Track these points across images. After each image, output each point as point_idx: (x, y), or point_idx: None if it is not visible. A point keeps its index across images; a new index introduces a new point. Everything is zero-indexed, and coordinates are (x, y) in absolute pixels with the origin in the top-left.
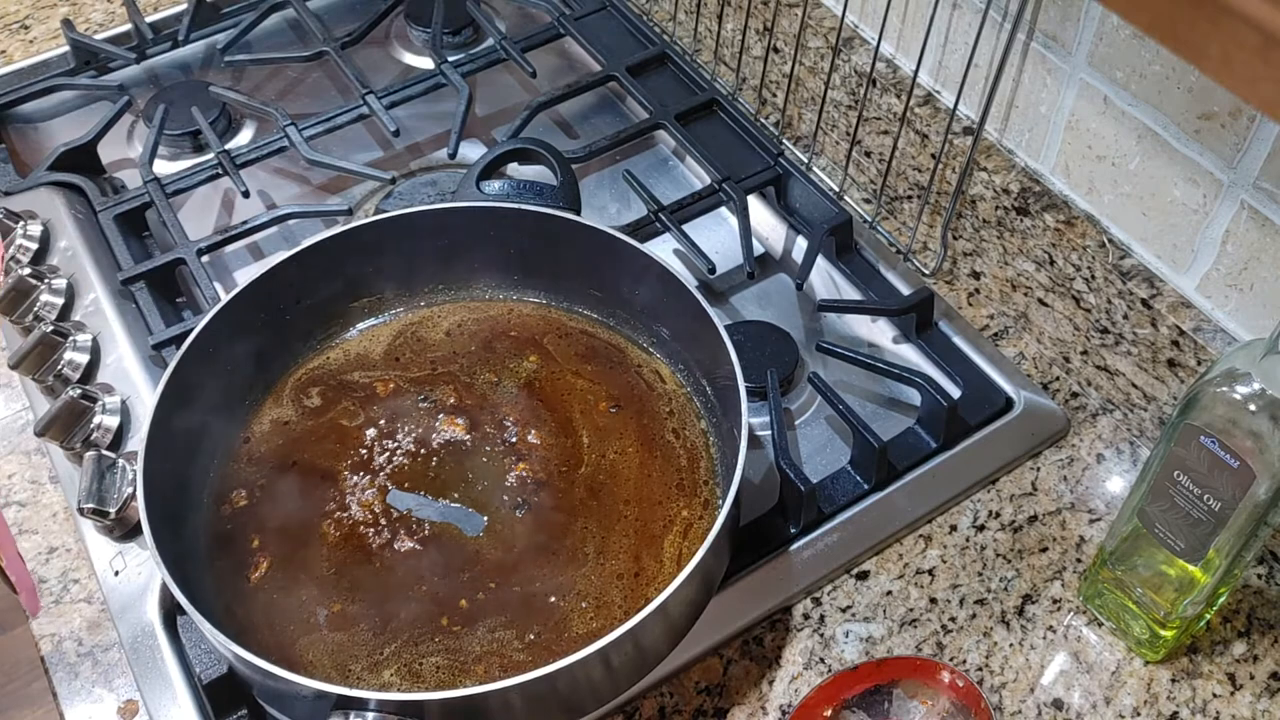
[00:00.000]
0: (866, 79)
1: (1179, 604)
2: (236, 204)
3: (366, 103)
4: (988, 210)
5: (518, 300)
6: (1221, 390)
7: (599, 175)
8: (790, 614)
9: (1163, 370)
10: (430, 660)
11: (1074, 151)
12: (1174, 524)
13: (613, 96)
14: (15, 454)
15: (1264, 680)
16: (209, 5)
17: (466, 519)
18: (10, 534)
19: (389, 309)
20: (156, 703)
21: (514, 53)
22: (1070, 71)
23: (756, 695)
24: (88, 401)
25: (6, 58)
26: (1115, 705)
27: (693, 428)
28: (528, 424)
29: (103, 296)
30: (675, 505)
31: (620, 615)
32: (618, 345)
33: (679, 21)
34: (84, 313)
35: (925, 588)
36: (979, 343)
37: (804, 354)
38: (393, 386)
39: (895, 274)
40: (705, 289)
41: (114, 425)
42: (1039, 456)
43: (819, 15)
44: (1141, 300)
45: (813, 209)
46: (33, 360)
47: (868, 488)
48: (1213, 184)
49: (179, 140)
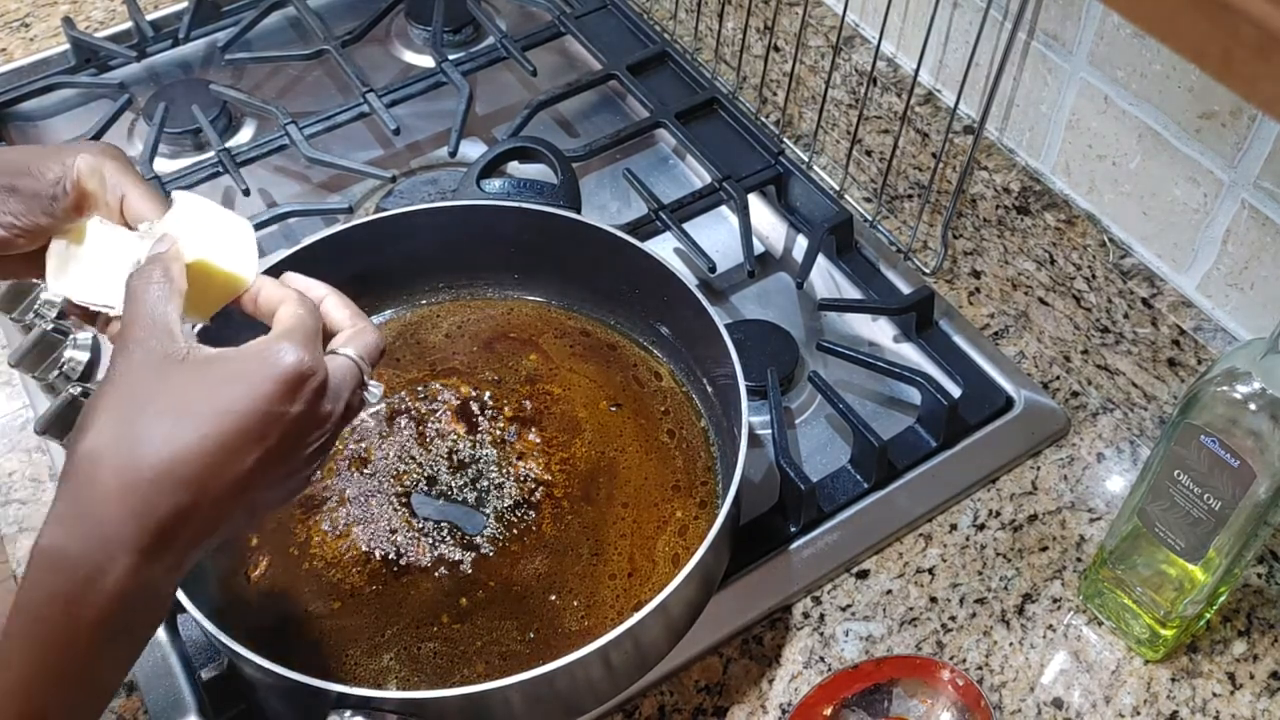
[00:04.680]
0: (867, 78)
1: (1179, 603)
2: (237, 202)
3: (367, 101)
4: (988, 209)
5: (518, 299)
6: (1222, 389)
7: (599, 174)
8: (790, 613)
9: (1163, 369)
10: (427, 652)
11: (1074, 151)
12: (1174, 523)
13: (613, 95)
14: (16, 452)
15: (1264, 679)
16: (209, 3)
17: (466, 518)
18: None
19: (389, 308)
20: (156, 701)
21: (514, 51)
22: (1071, 70)
23: (756, 694)
24: (87, 398)
25: (7, 56)
26: (1115, 704)
27: (691, 427)
28: (527, 423)
29: None
30: (671, 505)
31: (613, 615)
32: (618, 344)
33: (679, 20)
34: None
35: (925, 587)
36: (979, 342)
37: (804, 353)
38: (392, 386)
39: (896, 273)
40: (705, 288)
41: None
42: (1039, 456)
43: (820, 14)
44: (1142, 299)
45: (813, 208)
46: (33, 358)
47: (868, 487)
48: (1213, 183)
49: (179, 138)
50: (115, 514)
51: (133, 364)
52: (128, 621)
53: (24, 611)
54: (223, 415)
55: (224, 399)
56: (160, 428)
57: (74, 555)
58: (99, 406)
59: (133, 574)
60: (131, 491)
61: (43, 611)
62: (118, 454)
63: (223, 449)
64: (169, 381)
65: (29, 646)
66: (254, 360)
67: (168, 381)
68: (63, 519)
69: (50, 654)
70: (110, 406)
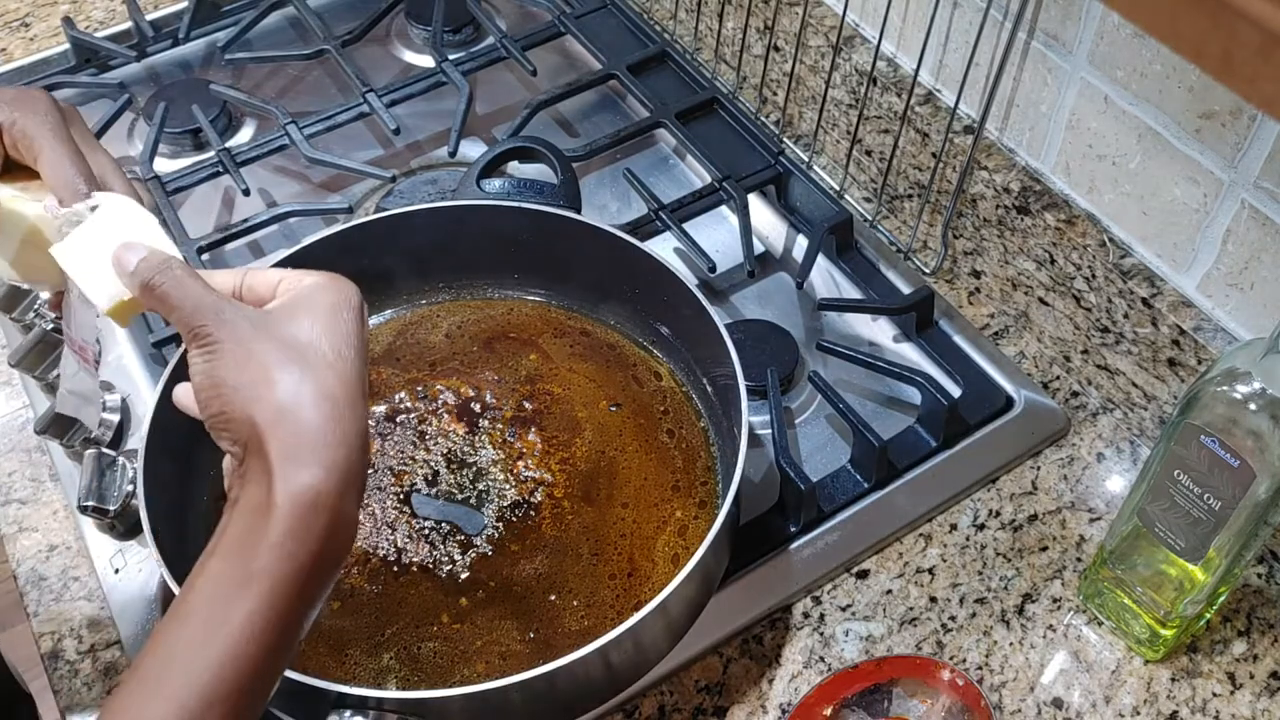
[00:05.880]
0: (867, 78)
1: (1179, 603)
2: (237, 202)
3: (367, 101)
4: (988, 209)
5: (517, 299)
6: (1222, 389)
7: (599, 174)
8: (790, 613)
9: (1163, 369)
10: (427, 652)
11: (1074, 150)
12: (1174, 523)
13: (613, 95)
14: (15, 452)
15: (1264, 679)
16: (209, 3)
17: (466, 517)
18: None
19: (389, 308)
20: None
21: (514, 51)
22: (1071, 70)
23: (756, 694)
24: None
25: (7, 55)
26: (1115, 704)
27: (691, 427)
28: (527, 423)
29: None
30: (671, 505)
31: (613, 615)
32: (617, 344)
33: (679, 20)
34: None
35: (925, 586)
36: (979, 342)
37: (804, 353)
38: (392, 386)
39: (896, 273)
40: (705, 288)
41: (114, 423)
42: (1039, 455)
43: (820, 14)
44: (1142, 299)
45: (813, 208)
46: (33, 358)
47: (868, 486)
48: (1213, 183)
49: (179, 138)
50: (334, 444)
51: (241, 340)
52: (343, 556)
53: (285, 556)
54: (347, 335)
55: (338, 324)
56: (310, 367)
57: (328, 492)
58: (255, 381)
59: (359, 500)
60: (335, 421)
61: (301, 549)
62: (304, 398)
63: (358, 356)
64: (280, 333)
65: (283, 590)
66: (330, 284)
67: (279, 334)
68: (301, 459)
69: (306, 589)
70: (258, 377)
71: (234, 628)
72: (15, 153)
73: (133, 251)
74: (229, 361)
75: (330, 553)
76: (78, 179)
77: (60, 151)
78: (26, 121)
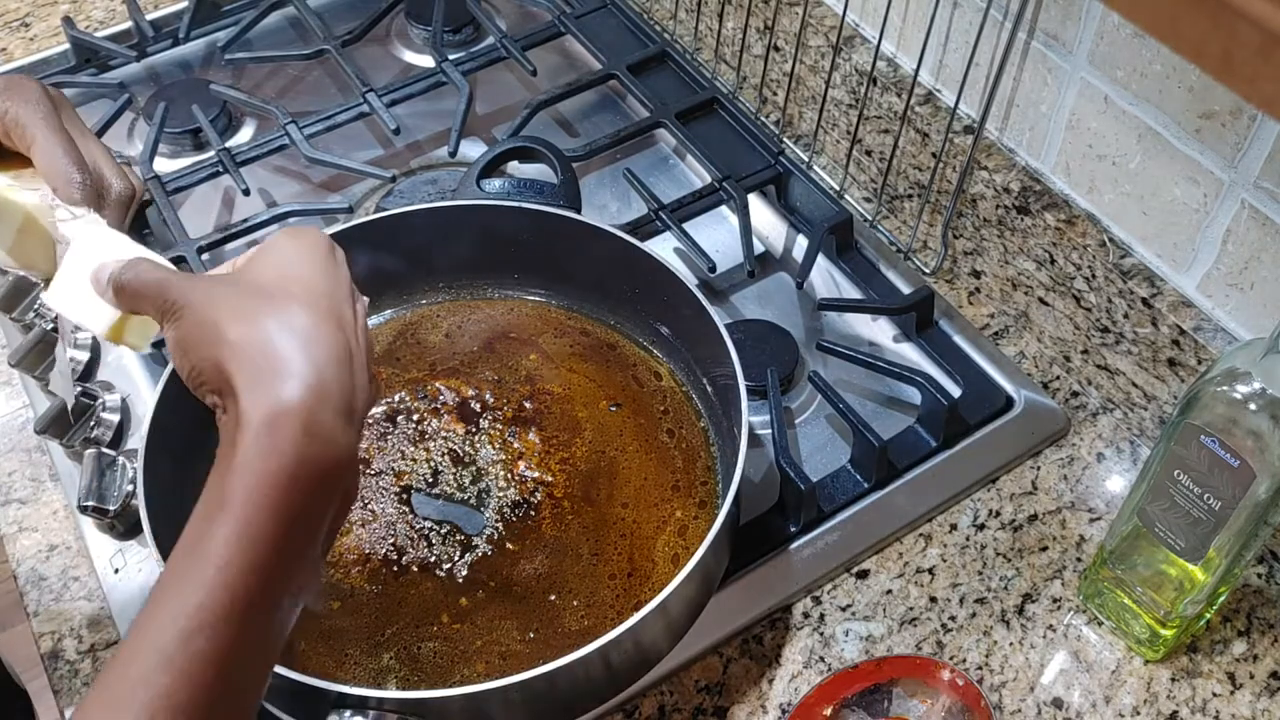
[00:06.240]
0: (867, 78)
1: (1179, 603)
2: (237, 202)
3: (367, 101)
4: (988, 209)
5: (517, 299)
6: (1222, 389)
7: (599, 174)
8: (790, 613)
9: (1163, 369)
10: (427, 651)
11: (1074, 150)
12: (1174, 523)
13: (613, 95)
14: (15, 452)
15: (1264, 679)
16: (209, 3)
17: (466, 517)
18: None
19: (388, 308)
20: None
21: (514, 51)
22: (1071, 70)
23: (756, 694)
24: (88, 399)
25: (7, 55)
26: (1115, 704)
27: (691, 427)
28: (527, 423)
29: None
30: (671, 505)
31: (613, 615)
32: (617, 344)
33: (679, 20)
34: None
35: (925, 587)
36: (979, 342)
37: (804, 353)
38: (392, 386)
39: (896, 273)
40: (705, 288)
41: (114, 423)
42: (1039, 455)
43: (820, 14)
44: (1142, 299)
45: (813, 208)
46: (33, 358)
47: (868, 486)
48: (1213, 183)
49: (179, 138)
50: (300, 370)
51: (201, 299)
52: (330, 473)
53: (278, 485)
54: (314, 269)
55: (302, 262)
56: (285, 312)
57: (295, 404)
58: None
59: (350, 420)
60: (300, 348)
61: (299, 470)
62: (266, 331)
63: (331, 288)
64: (242, 282)
65: (274, 517)
66: (292, 231)
67: (240, 283)
68: (264, 382)
69: (296, 522)
70: (237, 333)
71: (211, 552)
72: (7, 140)
73: (104, 270)
74: (191, 320)
75: (308, 464)
76: (71, 167)
77: (53, 140)
78: (18, 110)
